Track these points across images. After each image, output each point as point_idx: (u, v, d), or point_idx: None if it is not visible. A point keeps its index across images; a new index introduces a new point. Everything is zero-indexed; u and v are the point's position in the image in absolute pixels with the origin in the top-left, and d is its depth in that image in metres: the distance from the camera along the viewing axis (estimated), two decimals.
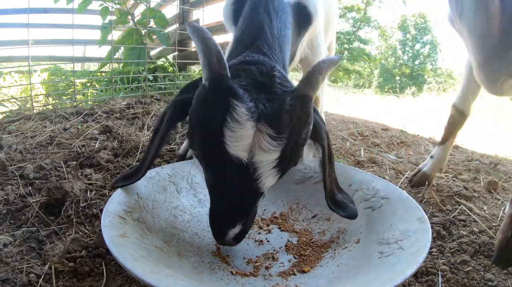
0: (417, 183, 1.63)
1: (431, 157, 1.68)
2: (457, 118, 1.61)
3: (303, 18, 1.29)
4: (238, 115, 0.79)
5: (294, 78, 4.73)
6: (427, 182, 1.61)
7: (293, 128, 0.84)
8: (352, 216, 1.07)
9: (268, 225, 1.23)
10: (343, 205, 1.08)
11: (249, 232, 1.18)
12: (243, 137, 0.80)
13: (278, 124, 0.82)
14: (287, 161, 0.86)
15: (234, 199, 0.88)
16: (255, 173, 0.83)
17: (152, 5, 3.99)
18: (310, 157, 1.67)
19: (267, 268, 1.02)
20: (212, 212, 0.94)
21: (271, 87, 0.87)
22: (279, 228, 1.22)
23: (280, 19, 1.12)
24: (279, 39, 1.08)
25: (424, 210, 1.06)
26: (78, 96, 3.08)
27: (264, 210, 1.30)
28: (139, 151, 1.70)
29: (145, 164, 1.06)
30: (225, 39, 3.77)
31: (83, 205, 1.26)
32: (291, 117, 0.83)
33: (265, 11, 1.11)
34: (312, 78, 0.87)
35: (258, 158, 0.82)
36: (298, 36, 1.32)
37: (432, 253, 1.14)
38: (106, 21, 3.77)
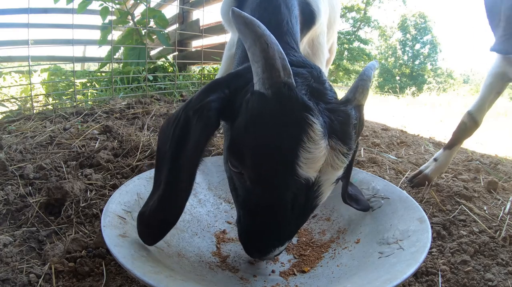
0: (417, 184, 1.63)
1: (435, 159, 1.67)
2: (470, 126, 1.59)
3: (307, 17, 1.24)
4: (315, 133, 0.69)
5: None
6: (427, 183, 1.62)
7: (355, 140, 0.78)
8: (366, 208, 1.08)
9: None
10: (355, 198, 1.08)
11: None
12: (319, 158, 0.70)
13: (349, 139, 0.75)
14: (347, 171, 0.82)
15: (291, 218, 0.78)
16: (318, 190, 0.76)
17: (152, 5, 3.99)
18: None
19: (267, 268, 1.02)
20: (257, 230, 0.83)
21: (326, 95, 0.77)
22: None
23: (293, 13, 1.05)
24: (296, 35, 1.01)
25: (424, 210, 1.06)
26: (78, 96, 3.08)
27: None
28: (139, 151, 1.70)
29: (177, 203, 0.80)
30: (226, 39, 3.77)
31: (83, 205, 1.26)
32: (355, 130, 0.77)
33: (283, 3, 1.02)
34: (365, 87, 0.81)
35: (325, 177, 0.74)
36: (301, 35, 1.29)
37: (432, 253, 1.14)
38: (106, 21, 3.78)
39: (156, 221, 0.82)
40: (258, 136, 0.72)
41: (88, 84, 3.70)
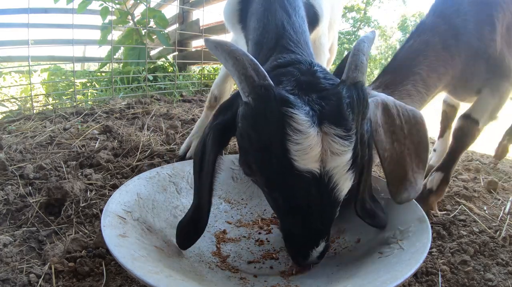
0: (426, 175, 1.69)
1: (434, 150, 1.87)
2: (449, 111, 1.87)
3: (310, 18, 1.25)
4: (298, 123, 0.70)
5: None
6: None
7: (357, 120, 0.75)
8: (380, 225, 0.99)
9: (268, 225, 1.23)
10: (372, 213, 0.99)
11: (249, 232, 1.18)
12: (311, 147, 0.70)
13: (344, 121, 0.73)
14: (359, 158, 0.77)
15: (313, 217, 0.78)
16: (331, 181, 0.74)
17: (152, 5, 4.00)
18: None
19: (267, 268, 1.02)
20: (290, 234, 0.85)
21: (318, 84, 0.78)
22: (279, 228, 1.22)
23: (298, 13, 1.06)
24: (302, 34, 1.02)
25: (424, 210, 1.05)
26: (78, 96, 3.08)
27: (264, 210, 1.30)
28: (139, 151, 1.70)
29: (203, 211, 0.91)
30: (226, 39, 3.77)
31: (83, 205, 1.26)
32: (353, 109, 0.75)
33: (280, 7, 1.05)
34: (357, 61, 0.78)
35: (331, 165, 0.73)
36: None
37: (432, 253, 1.14)
38: (106, 21, 3.78)
39: (189, 228, 0.94)
40: (251, 142, 0.75)
41: (88, 84, 3.70)
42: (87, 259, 0.99)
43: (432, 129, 2.86)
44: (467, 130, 1.38)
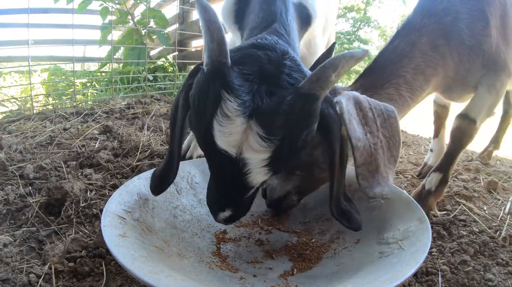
0: (425, 175, 1.69)
1: (431, 150, 1.88)
2: (441, 111, 1.89)
3: (303, 19, 1.27)
4: (228, 110, 0.75)
5: None
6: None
7: (289, 129, 0.77)
8: (357, 227, 0.99)
9: (268, 225, 1.23)
10: (348, 215, 1.00)
11: (249, 232, 1.18)
12: (231, 133, 0.76)
13: (270, 125, 0.76)
14: (281, 161, 0.82)
15: (225, 186, 0.87)
16: (244, 167, 0.80)
17: (152, 5, 4.00)
18: None
19: (267, 268, 1.02)
20: (209, 189, 0.96)
21: (277, 78, 0.80)
22: (279, 228, 1.22)
23: (289, 11, 1.09)
24: (292, 28, 1.05)
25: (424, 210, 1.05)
26: (78, 96, 3.08)
27: (265, 210, 1.30)
28: (139, 151, 1.70)
29: (174, 161, 0.99)
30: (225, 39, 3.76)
31: (83, 205, 1.26)
32: (287, 117, 0.76)
33: (280, 2, 1.09)
34: (322, 74, 0.77)
35: (246, 155, 0.79)
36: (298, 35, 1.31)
37: (432, 253, 1.14)
38: (106, 21, 3.78)
39: (161, 177, 1.03)
40: (194, 106, 0.83)
41: (88, 84, 3.70)
42: (87, 259, 0.99)
43: (429, 129, 2.86)
44: (465, 130, 1.36)
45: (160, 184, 1.03)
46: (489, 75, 1.37)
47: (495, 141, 2.21)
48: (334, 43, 1.29)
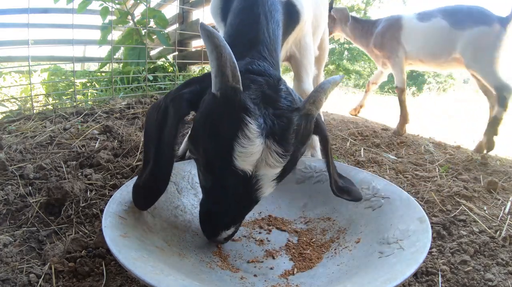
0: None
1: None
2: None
3: (291, 17, 1.27)
4: (250, 132, 0.80)
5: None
6: None
7: (297, 144, 0.87)
8: (357, 198, 1.10)
9: (268, 225, 1.23)
10: (346, 189, 1.11)
11: (250, 232, 1.18)
12: (252, 153, 0.81)
13: (286, 143, 0.84)
14: (286, 172, 0.90)
15: (232, 205, 0.90)
16: (257, 184, 0.86)
17: (152, 5, 4.00)
18: (308, 155, 1.67)
19: (267, 267, 1.02)
20: (207, 211, 0.96)
21: (277, 101, 0.87)
22: (279, 228, 1.22)
23: (274, 18, 1.11)
24: (274, 41, 1.08)
25: (424, 210, 1.06)
26: (78, 96, 3.08)
27: (266, 209, 1.30)
28: (139, 151, 1.70)
29: (163, 169, 0.93)
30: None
31: (83, 205, 1.26)
32: (297, 135, 0.86)
33: (260, 8, 1.10)
34: (316, 98, 0.89)
35: (262, 172, 0.85)
36: (285, 35, 1.31)
37: (432, 253, 1.14)
38: (106, 21, 3.77)
39: (148, 190, 0.96)
40: (207, 130, 0.85)
41: (88, 84, 3.70)
42: (87, 259, 0.99)
43: (435, 132, 2.86)
44: None
45: (149, 196, 0.97)
46: None
47: (488, 133, 2.37)
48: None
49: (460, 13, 2.58)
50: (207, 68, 4.41)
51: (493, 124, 2.34)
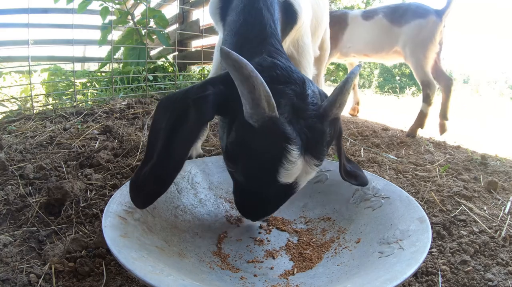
0: None
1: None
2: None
3: (289, 17, 1.26)
4: (292, 157, 0.82)
5: None
6: None
7: (327, 149, 0.92)
8: (364, 183, 1.16)
9: (268, 225, 1.23)
10: (354, 174, 1.16)
11: (250, 232, 1.18)
12: (295, 172, 0.85)
13: (321, 154, 0.88)
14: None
15: (273, 202, 0.97)
16: (295, 187, 0.91)
17: (152, 5, 4.00)
18: None
19: (267, 267, 1.02)
20: (247, 205, 1.01)
21: (306, 111, 0.86)
22: (279, 227, 1.22)
23: (274, 15, 1.10)
24: (279, 35, 1.07)
25: (424, 210, 1.06)
26: (78, 96, 3.08)
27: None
28: (139, 151, 1.70)
29: (169, 175, 0.89)
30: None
31: (83, 205, 1.26)
32: (328, 144, 0.91)
33: (261, 3, 1.09)
34: (342, 100, 0.88)
35: (301, 179, 0.90)
36: (283, 35, 1.29)
37: (432, 253, 1.14)
38: (106, 21, 3.78)
39: (147, 188, 0.91)
40: (248, 156, 0.86)
41: (88, 84, 3.70)
42: (87, 259, 0.99)
43: (435, 132, 2.86)
44: None
45: (150, 194, 0.92)
46: None
47: (443, 114, 2.68)
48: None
49: (399, 10, 2.73)
50: (207, 68, 4.41)
51: (420, 118, 2.59)
